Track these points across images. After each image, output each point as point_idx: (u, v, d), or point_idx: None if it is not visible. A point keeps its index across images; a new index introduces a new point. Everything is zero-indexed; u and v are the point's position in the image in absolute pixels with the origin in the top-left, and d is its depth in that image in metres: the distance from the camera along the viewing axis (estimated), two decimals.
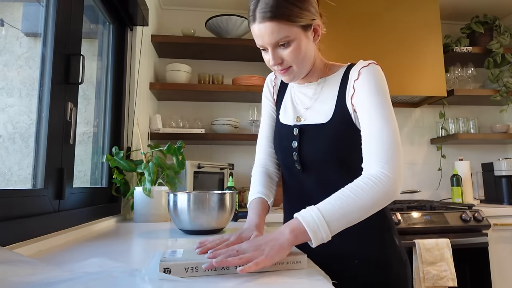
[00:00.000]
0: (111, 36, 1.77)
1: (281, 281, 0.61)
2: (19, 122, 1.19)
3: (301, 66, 0.90)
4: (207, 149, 2.51)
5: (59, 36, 1.14)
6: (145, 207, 1.50)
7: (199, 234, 1.14)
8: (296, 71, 0.90)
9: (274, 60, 0.87)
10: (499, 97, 2.45)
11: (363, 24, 2.31)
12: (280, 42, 0.84)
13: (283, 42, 0.84)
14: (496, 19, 2.56)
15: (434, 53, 2.34)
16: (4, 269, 0.58)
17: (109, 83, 1.73)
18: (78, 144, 1.28)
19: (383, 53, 2.29)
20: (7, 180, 1.13)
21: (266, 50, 0.88)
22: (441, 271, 1.74)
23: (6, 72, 1.19)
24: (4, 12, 1.24)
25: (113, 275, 0.61)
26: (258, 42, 0.87)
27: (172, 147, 1.61)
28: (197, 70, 2.48)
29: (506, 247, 2.02)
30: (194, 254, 0.69)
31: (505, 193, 2.34)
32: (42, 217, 1.00)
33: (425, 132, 2.72)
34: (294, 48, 0.85)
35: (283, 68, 0.89)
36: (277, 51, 0.87)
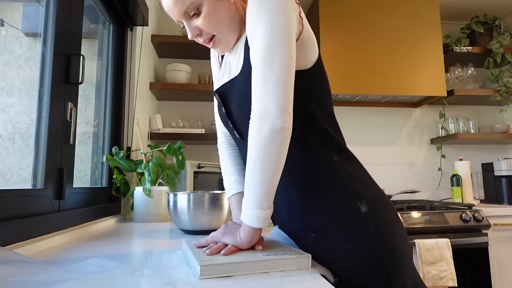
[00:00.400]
0: (111, 36, 1.77)
1: (281, 281, 0.61)
2: (19, 122, 1.19)
3: (224, 32, 0.81)
4: (207, 149, 2.51)
5: (59, 36, 1.14)
6: (145, 207, 1.50)
7: (199, 234, 1.14)
8: (223, 39, 0.81)
9: (191, 32, 0.80)
10: (499, 97, 2.45)
11: (363, 24, 2.31)
12: (189, 10, 0.78)
13: (193, 9, 0.78)
14: (496, 19, 2.56)
15: (434, 53, 2.34)
16: (4, 269, 0.58)
17: (109, 83, 1.73)
18: (78, 144, 1.28)
19: (383, 53, 2.29)
20: (7, 180, 1.13)
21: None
22: (441, 271, 1.74)
23: (6, 72, 1.19)
24: (4, 12, 1.24)
25: (113, 275, 0.61)
26: (173, 18, 0.82)
27: (172, 147, 1.61)
28: (197, 70, 2.48)
29: (506, 247, 2.02)
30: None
31: (505, 193, 2.34)
32: (42, 217, 1.00)
33: (425, 132, 2.72)
34: (206, 13, 0.78)
35: (207, 39, 0.82)
36: (192, 22, 0.80)
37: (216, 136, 1.03)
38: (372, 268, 0.71)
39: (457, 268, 1.79)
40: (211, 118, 2.46)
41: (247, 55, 0.76)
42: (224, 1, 0.79)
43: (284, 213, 0.83)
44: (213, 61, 1.01)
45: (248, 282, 0.60)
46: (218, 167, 2.22)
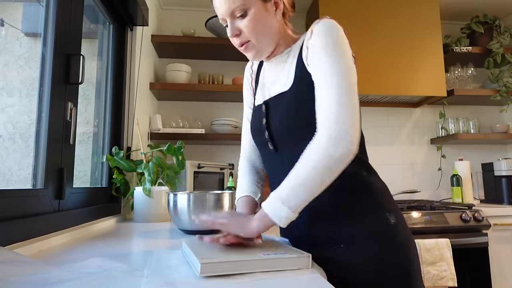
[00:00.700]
0: (111, 36, 1.77)
1: (280, 281, 0.61)
2: (19, 122, 1.19)
3: (261, 40, 0.86)
4: (207, 149, 2.51)
5: (59, 36, 1.14)
6: (145, 207, 1.50)
7: (199, 234, 1.14)
8: (257, 46, 0.86)
9: (232, 30, 0.85)
10: (499, 97, 2.45)
11: (363, 24, 2.31)
12: (236, 11, 0.83)
13: (240, 11, 0.83)
14: (496, 19, 2.56)
15: (434, 53, 2.34)
16: (4, 269, 0.58)
17: (109, 83, 1.73)
18: (78, 144, 1.28)
19: (383, 53, 2.29)
20: (7, 180, 1.13)
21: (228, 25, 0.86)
22: (441, 271, 1.74)
23: (6, 72, 1.19)
24: (4, 12, 1.24)
25: (113, 275, 0.61)
26: (219, 15, 0.86)
27: (172, 147, 1.61)
28: (197, 70, 2.48)
29: (506, 247, 2.02)
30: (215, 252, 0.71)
31: (505, 193, 2.34)
32: (42, 217, 1.00)
33: (425, 132, 2.72)
34: (251, 18, 0.83)
35: (242, 42, 0.86)
36: (235, 22, 0.85)
37: (216, 137, 1.07)
38: (399, 275, 0.78)
39: (457, 268, 1.79)
40: (211, 118, 2.46)
41: (299, 73, 0.83)
42: (270, 14, 0.86)
43: (308, 224, 0.85)
44: (246, 86, 1.08)
45: (248, 282, 0.60)
46: (218, 167, 2.22)
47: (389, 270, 0.78)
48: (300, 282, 0.60)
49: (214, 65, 2.57)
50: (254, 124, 0.96)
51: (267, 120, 0.89)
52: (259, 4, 0.84)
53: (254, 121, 0.97)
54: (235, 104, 2.56)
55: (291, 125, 0.83)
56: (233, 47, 0.93)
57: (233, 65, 2.59)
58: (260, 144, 0.95)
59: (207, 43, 2.29)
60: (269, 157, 0.92)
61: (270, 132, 0.88)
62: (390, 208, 0.83)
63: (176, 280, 0.59)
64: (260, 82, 1.00)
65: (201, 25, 2.46)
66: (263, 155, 0.97)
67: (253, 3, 0.83)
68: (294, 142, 0.83)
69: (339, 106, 0.73)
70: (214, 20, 2.32)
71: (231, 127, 2.33)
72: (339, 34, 0.80)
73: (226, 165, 2.27)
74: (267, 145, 0.90)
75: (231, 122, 2.33)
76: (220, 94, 2.37)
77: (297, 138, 0.82)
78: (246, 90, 1.08)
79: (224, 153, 2.52)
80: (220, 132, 2.31)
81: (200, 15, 2.56)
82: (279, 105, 0.87)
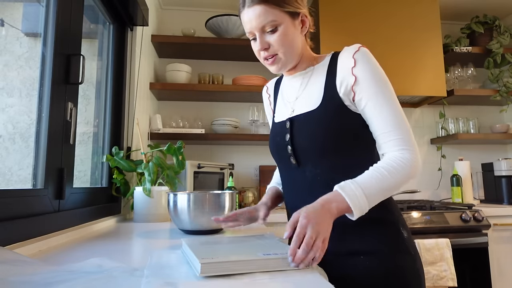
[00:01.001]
0: (111, 36, 1.77)
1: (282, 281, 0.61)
2: (19, 122, 1.19)
3: (288, 54, 0.90)
4: (207, 149, 2.51)
5: (59, 36, 1.14)
6: (145, 207, 1.50)
7: (199, 234, 1.14)
8: (283, 60, 0.90)
9: (261, 44, 0.88)
10: (499, 97, 2.45)
11: (363, 24, 2.31)
12: (267, 26, 0.86)
13: (270, 26, 0.86)
14: (496, 19, 2.56)
15: (434, 53, 2.34)
16: (4, 269, 0.58)
17: (109, 83, 1.73)
18: (78, 144, 1.28)
19: (383, 53, 2.29)
20: (7, 180, 1.13)
21: (256, 39, 0.90)
22: (441, 271, 1.74)
23: (6, 72, 1.19)
24: (4, 12, 1.24)
25: (113, 275, 0.61)
26: (247, 28, 0.89)
27: (172, 147, 1.61)
28: (197, 70, 2.48)
29: (506, 247, 2.02)
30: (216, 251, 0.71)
31: (505, 193, 2.34)
32: (42, 217, 1.00)
33: (425, 132, 2.73)
34: (281, 33, 0.87)
35: (270, 55, 0.90)
36: (264, 36, 0.88)
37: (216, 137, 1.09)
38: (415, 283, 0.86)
39: (457, 268, 1.79)
40: (211, 118, 2.46)
41: (328, 94, 0.88)
42: (296, 30, 0.91)
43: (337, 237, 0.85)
44: (267, 110, 1.14)
45: (249, 283, 0.60)
46: (218, 167, 2.22)
47: (406, 279, 0.85)
48: (301, 282, 0.60)
49: (214, 65, 2.57)
50: (275, 139, 0.99)
51: (291, 136, 0.92)
52: (288, 20, 0.88)
53: (274, 137, 1.00)
54: (235, 104, 2.56)
55: (318, 142, 0.88)
56: (233, 47, 0.94)
57: (233, 65, 2.59)
58: (280, 158, 0.98)
59: (207, 43, 2.29)
60: (290, 172, 0.96)
61: (294, 147, 0.92)
62: (402, 222, 0.90)
63: (176, 280, 0.59)
64: (280, 99, 1.04)
65: (201, 25, 2.46)
66: (283, 169, 1.01)
67: (283, 19, 0.87)
68: (318, 159, 0.89)
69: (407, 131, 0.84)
70: (214, 20, 2.32)
71: (231, 127, 2.33)
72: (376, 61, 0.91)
73: (226, 165, 2.27)
74: (289, 159, 0.94)
75: (231, 122, 2.33)
76: (220, 94, 2.37)
77: (322, 155, 0.88)
78: (267, 113, 1.14)
79: (224, 153, 2.52)
80: (220, 132, 2.31)
81: (200, 15, 2.56)
82: (306, 122, 0.90)
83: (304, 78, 0.96)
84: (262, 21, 0.86)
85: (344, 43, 0.98)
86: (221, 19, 2.30)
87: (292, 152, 0.92)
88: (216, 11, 2.56)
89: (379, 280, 0.83)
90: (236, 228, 1.14)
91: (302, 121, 0.91)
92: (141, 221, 1.50)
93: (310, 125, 0.89)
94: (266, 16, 0.86)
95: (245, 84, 2.31)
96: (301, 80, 0.96)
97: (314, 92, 0.91)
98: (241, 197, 2.27)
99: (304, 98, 0.93)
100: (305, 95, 0.94)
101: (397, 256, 0.85)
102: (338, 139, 0.86)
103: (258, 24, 0.87)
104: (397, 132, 0.83)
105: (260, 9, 0.85)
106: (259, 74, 2.40)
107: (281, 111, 1.01)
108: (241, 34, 2.40)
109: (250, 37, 0.92)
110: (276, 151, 0.99)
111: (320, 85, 0.91)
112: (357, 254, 0.85)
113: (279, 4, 0.86)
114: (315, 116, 0.89)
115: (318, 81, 0.92)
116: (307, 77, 0.95)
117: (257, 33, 0.88)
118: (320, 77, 0.92)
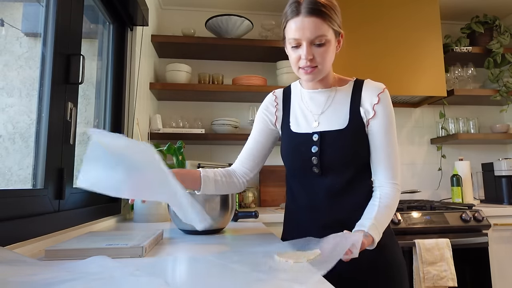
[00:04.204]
0: (111, 36, 1.77)
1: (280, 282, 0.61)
2: (19, 122, 1.19)
3: (325, 69, 0.97)
4: (207, 149, 2.51)
5: (59, 36, 1.14)
6: (145, 207, 1.50)
7: (199, 234, 1.14)
8: (320, 72, 0.97)
9: (308, 55, 0.92)
10: (499, 97, 2.45)
11: (363, 24, 2.31)
12: (317, 38, 0.91)
13: (320, 40, 0.92)
14: (496, 19, 2.56)
15: (434, 53, 2.34)
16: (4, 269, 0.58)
17: (109, 83, 1.73)
18: (78, 144, 1.28)
19: (383, 53, 2.29)
20: (7, 180, 1.13)
21: (299, 47, 0.94)
22: (441, 271, 1.74)
23: (6, 72, 1.19)
24: (4, 12, 1.23)
25: (113, 275, 0.61)
26: (297, 35, 0.92)
27: (172, 147, 1.61)
28: (197, 70, 2.48)
29: (506, 247, 2.02)
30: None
31: (505, 193, 2.34)
32: (42, 217, 1.00)
33: (425, 132, 2.72)
34: (327, 48, 0.94)
35: (311, 66, 0.94)
36: (312, 48, 0.93)
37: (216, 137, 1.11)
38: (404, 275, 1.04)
39: (457, 268, 1.79)
40: (211, 118, 2.46)
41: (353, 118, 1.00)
42: (335, 48, 0.99)
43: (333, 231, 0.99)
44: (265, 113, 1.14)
45: (249, 283, 0.60)
46: (218, 167, 2.22)
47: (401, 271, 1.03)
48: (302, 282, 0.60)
49: (214, 65, 2.57)
50: (299, 149, 1.04)
51: (320, 149, 1.00)
52: (333, 37, 0.96)
53: (298, 146, 1.04)
54: (235, 104, 2.56)
55: (346, 156, 0.99)
56: (233, 47, 0.95)
57: (233, 65, 2.59)
58: (302, 167, 1.04)
59: (207, 43, 2.29)
60: (310, 178, 1.03)
61: (320, 159, 1.00)
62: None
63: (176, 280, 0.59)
64: (297, 110, 1.08)
65: (201, 25, 2.46)
66: (300, 176, 1.06)
67: (331, 36, 0.94)
68: (341, 169, 1.00)
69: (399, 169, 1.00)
70: (214, 20, 2.32)
71: (231, 127, 2.33)
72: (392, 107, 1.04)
73: (226, 165, 2.27)
74: (311, 169, 1.01)
75: (231, 122, 2.33)
76: (220, 94, 2.37)
77: (345, 167, 1.00)
78: (265, 115, 1.14)
79: (224, 153, 2.52)
80: (220, 132, 2.31)
81: (200, 15, 2.56)
82: (336, 139, 1.00)
83: (329, 97, 1.04)
84: (315, 33, 0.91)
85: (344, 43, 1.00)
86: (221, 19, 2.30)
87: (318, 162, 1.00)
88: (216, 11, 2.56)
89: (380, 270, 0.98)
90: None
91: (332, 137, 1.00)
92: (141, 221, 1.50)
93: (340, 142, 1.00)
94: (321, 30, 0.91)
95: (245, 84, 2.30)
96: (326, 97, 1.04)
97: (339, 112, 1.02)
98: (241, 197, 2.27)
99: (330, 115, 1.02)
100: (331, 112, 1.03)
101: (394, 248, 1.03)
102: (359, 154, 1.00)
103: (311, 35, 0.91)
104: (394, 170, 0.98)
105: (317, 22, 0.90)
106: (259, 74, 2.39)
107: (301, 122, 1.06)
108: (241, 34, 2.40)
109: (293, 44, 0.94)
110: (301, 160, 1.03)
111: (345, 108, 1.02)
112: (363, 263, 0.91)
113: (331, 22, 0.93)
114: (343, 134, 0.99)
115: (343, 104, 1.02)
116: (332, 95, 1.04)
117: (306, 43, 0.92)
118: (344, 100, 1.03)
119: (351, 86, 1.04)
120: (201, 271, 0.67)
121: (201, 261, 0.76)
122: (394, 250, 1.03)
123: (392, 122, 1.01)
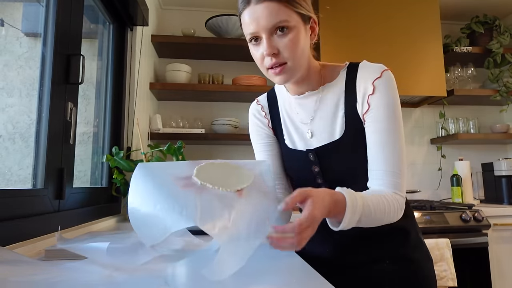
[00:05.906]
0: (111, 36, 1.77)
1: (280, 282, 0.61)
2: (19, 122, 1.19)
3: (297, 63, 0.79)
4: (207, 149, 2.51)
5: (59, 36, 1.14)
6: None
7: (198, 234, 1.14)
8: (292, 69, 0.79)
9: (269, 48, 0.75)
10: (499, 97, 2.45)
11: (363, 24, 2.31)
12: (278, 25, 0.74)
13: (282, 25, 0.74)
14: (496, 19, 2.56)
15: (434, 53, 2.34)
16: (4, 269, 0.58)
17: (109, 83, 1.73)
18: (78, 144, 1.28)
19: (383, 53, 2.29)
20: (7, 180, 1.13)
21: (259, 41, 0.77)
22: (441, 271, 1.74)
23: (6, 72, 1.19)
24: (4, 12, 1.23)
25: (113, 275, 0.61)
26: (251, 29, 0.76)
27: (172, 147, 1.61)
28: (197, 70, 2.48)
29: (506, 247, 2.02)
30: None
31: (505, 193, 2.34)
32: (42, 217, 1.00)
33: (425, 132, 2.72)
34: (293, 37, 0.75)
35: (278, 63, 0.77)
36: (273, 39, 0.76)
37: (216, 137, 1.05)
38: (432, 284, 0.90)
39: (457, 268, 1.79)
40: (211, 118, 2.46)
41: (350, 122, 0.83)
42: (307, 39, 0.81)
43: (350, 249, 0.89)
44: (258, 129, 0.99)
45: (250, 282, 0.60)
46: None
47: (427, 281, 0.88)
48: (301, 282, 0.60)
49: (214, 65, 2.57)
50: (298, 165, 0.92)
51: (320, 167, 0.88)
52: (300, 23, 0.77)
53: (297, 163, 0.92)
54: (235, 104, 2.56)
55: (346, 167, 0.86)
56: (233, 47, 0.92)
57: (233, 65, 2.59)
58: (303, 177, 0.92)
59: (207, 43, 2.29)
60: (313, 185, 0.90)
61: (323, 173, 0.89)
62: (419, 228, 0.93)
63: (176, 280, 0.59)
64: (287, 120, 0.94)
65: (201, 25, 2.46)
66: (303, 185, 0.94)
67: (296, 22, 0.76)
68: (344, 176, 0.87)
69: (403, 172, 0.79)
70: (214, 20, 2.32)
71: (231, 127, 2.33)
72: (397, 92, 0.85)
73: None
74: (315, 179, 0.90)
75: (231, 122, 2.33)
76: (220, 94, 2.37)
77: (348, 174, 0.86)
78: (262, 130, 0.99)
79: (224, 153, 2.52)
80: (220, 132, 2.31)
81: (200, 15, 2.56)
82: (335, 153, 0.86)
83: (317, 99, 0.87)
84: (272, 20, 0.74)
85: (344, 43, 0.98)
86: (221, 19, 2.30)
87: (322, 181, 0.89)
88: (216, 11, 2.56)
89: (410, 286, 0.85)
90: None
91: (329, 152, 0.86)
92: None
93: (339, 155, 0.85)
94: (279, 14, 0.74)
95: (245, 84, 2.30)
96: (314, 102, 0.88)
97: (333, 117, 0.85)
98: None
99: (321, 124, 0.87)
100: (322, 120, 0.87)
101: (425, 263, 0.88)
102: (364, 159, 0.83)
103: (267, 23, 0.74)
104: (395, 174, 0.78)
105: (272, 6, 0.73)
106: (259, 74, 2.39)
107: (294, 136, 0.92)
108: (241, 34, 2.39)
109: (251, 40, 0.79)
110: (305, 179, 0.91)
111: (339, 110, 0.84)
112: (383, 260, 0.86)
113: (292, 4, 0.75)
114: (342, 145, 0.84)
115: (335, 105, 0.85)
116: (320, 97, 0.87)
117: (264, 34, 0.75)
118: (336, 99, 0.85)
119: (344, 76, 0.86)
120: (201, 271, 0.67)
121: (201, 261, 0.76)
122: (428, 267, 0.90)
123: (392, 116, 0.80)
